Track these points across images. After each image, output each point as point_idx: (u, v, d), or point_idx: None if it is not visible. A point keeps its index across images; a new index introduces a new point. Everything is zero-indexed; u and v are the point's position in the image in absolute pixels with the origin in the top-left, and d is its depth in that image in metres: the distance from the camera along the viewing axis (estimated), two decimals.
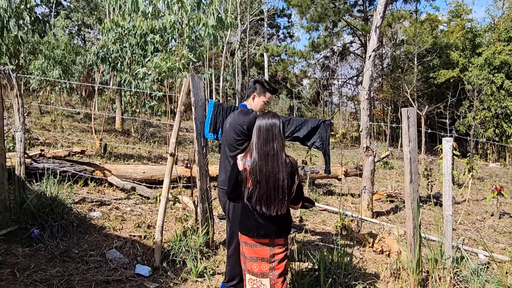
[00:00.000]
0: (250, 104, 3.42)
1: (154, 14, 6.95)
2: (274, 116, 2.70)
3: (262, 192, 2.60)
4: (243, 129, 3.19)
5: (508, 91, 19.84)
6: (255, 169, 2.60)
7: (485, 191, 9.97)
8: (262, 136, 2.63)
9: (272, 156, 2.59)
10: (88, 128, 13.32)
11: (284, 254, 2.74)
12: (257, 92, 3.37)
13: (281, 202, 2.61)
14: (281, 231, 2.72)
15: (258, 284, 2.76)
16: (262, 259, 2.72)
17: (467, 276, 3.64)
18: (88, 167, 6.11)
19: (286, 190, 2.60)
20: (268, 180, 2.58)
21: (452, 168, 9.76)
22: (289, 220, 2.81)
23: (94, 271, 3.61)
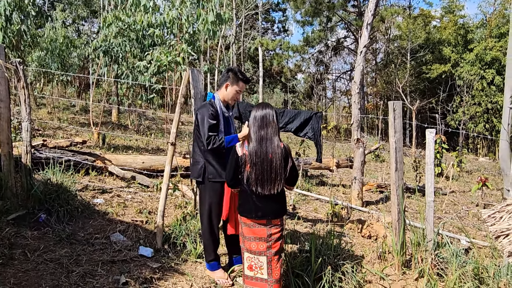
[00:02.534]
0: (222, 93, 3.54)
1: (154, 9, 7.14)
2: (267, 106, 3.04)
3: (258, 173, 2.90)
4: (197, 120, 3.46)
5: (499, 87, 20.20)
6: (252, 152, 2.92)
7: (472, 183, 10.30)
8: (257, 123, 2.96)
9: (267, 140, 2.91)
10: (84, 120, 13.48)
11: (280, 234, 3.03)
12: (230, 81, 3.48)
13: (275, 182, 2.90)
14: (277, 212, 3.02)
15: (255, 261, 3.05)
16: (260, 239, 3.01)
17: (447, 258, 3.94)
18: (90, 157, 6.33)
19: (279, 170, 2.90)
20: (263, 162, 2.89)
21: (440, 161, 10.06)
22: (284, 201, 3.09)
23: (100, 252, 3.85)
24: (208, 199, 3.51)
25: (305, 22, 24.29)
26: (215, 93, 3.61)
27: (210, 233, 3.57)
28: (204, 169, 3.47)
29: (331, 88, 32.92)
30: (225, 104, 3.60)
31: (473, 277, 3.63)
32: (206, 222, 3.56)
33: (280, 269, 3.04)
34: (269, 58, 31.07)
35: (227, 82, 3.49)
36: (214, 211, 3.53)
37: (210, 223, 3.55)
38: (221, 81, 3.55)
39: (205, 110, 3.41)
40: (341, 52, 30.08)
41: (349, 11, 25.17)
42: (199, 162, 3.51)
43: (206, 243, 3.61)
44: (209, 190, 3.51)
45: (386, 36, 26.18)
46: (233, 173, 3.06)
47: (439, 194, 7.98)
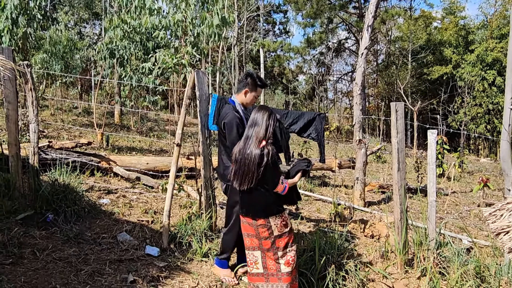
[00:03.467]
0: (241, 98, 3.60)
1: (159, 12, 7.22)
2: (262, 109, 3.16)
3: (237, 168, 3.07)
4: (223, 126, 3.49)
5: (500, 88, 20.25)
6: (237, 150, 3.10)
7: (474, 184, 10.35)
8: (249, 123, 3.13)
9: (250, 139, 3.06)
10: (87, 121, 13.57)
11: (268, 234, 3.08)
12: (249, 88, 3.56)
13: (249, 179, 3.00)
14: (259, 211, 3.09)
15: (251, 257, 3.20)
16: (251, 235, 3.16)
17: (449, 257, 4.00)
18: (95, 158, 6.40)
19: (252, 168, 2.98)
20: (242, 158, 3.03)
21: (442, 162, 10.11)
22: (270, 203, 3.11)
23: (107, 251, 3.92)
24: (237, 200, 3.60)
25: (306, 23, 24.38)
26: (233, 97, 3.66)
27: (237, 233, 3.61)
28: None
29: (333, 89, 32.98)
30: (243, 107, 3.67)
31: (474, 275, 3.69)
32: (233, 222, 3.61)
33: (275, 263, 3.11)
34: (270, 60, 31.14)
35: (246, 88, 3.55)
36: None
37: (238, 224, 3.62)
38: (240, 86, 3.61)
39: (233, 117, 3.44)
40: (342, 53, 30.16)
41: (350, 13, 25.26)
42: (229, 166, 3.49)
43: (227, 240, 3.66)
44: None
45: (387, 38, 26.26)
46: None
47: (441, 195, 8.03)
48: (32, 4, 7.40)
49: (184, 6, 6.75)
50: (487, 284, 3.62)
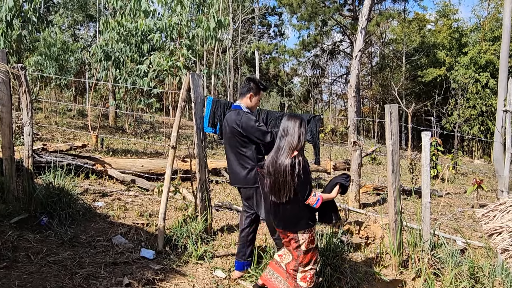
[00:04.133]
0: (246, 103, 3.64)
1: (154, 14, 7.22)
2: (294, 117, 3.07)
3: (272, 181, 2.98)
4: (239, 130, 3.46)
5: (493, 90, 20.41)
6: (269, 162, 3.02)
7: (468, 185, 10.41)
8: (279, 133, 3.04)
9: (282, 150, 2.97)
10: (82, 124, 13.52)
11: (295, 245, 3.08)
12: (253, 92, 3.62)
13: (287, 191, 2.92)
14: (288, 224, 3.06)
15: (286, 253, 3.27)
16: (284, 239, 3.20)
17: (443, 258, 4.02)
18: (89, 161, 6.38)
19: (289, 179, 2.89)
20: (275, 170, 2.94)
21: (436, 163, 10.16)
22: (299, 217, 3.04)
23: (102, 254, 3.91)
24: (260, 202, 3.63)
25: (301, 26, 24.46)
26: (237, 102, 3.67)
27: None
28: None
29: (327, 91, 33.09)
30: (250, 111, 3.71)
31: (468, 276, 3.72)
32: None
33: (293, 269, 3.15)
34: (265, 62, 31.21)
35: (250, 93, 3.60)
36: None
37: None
38: (244, 91, 3.64)
39: (247, 116, 3.49)
40: (337, 55, 30.27)
41: (345, 15, 25.37)
42: (253, 168, 3.51)
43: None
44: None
45: (382, 40, 26.41)
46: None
47: (435, 196, 8.08)
48: (26, 7, 7.38)
49: (179, 9, 6.76)
50: (481, 285, 3.65)
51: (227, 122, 3.60)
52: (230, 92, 22.45)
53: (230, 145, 3.61)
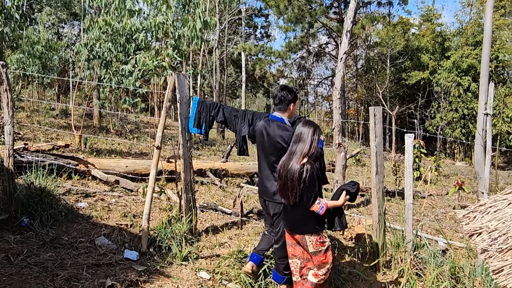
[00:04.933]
0: (289, 115, 3.50)
1: (139, 13, 7.15)
2: (309, 124, 3.11)
3: (281, 183, 3.05)
4: (285, 145, 3.28)
5: (474, 94, 20.81)
6: (281, 165, 3.07)
7: (450, 187, 10.58)
8: (293, 138, 3.09)
9: (293, 154, 3.02)
10: (65, 123, 13.31)
11: (305, 247, 3.11)
12: (293, 101, 3.50)
13: (294, 194, 2.98)
14: (295, 227, 3.11)
15: (294, 265, 3.25)
16: (293, 244, 3.21)
17: (426, 258, 4.09)
18: (72, 161, 6.28)
19: (296, 184, 2.95)
20: (286, 174, 3.00)
21: (419, 165, 10.31)
22: (305, 221, 3.07)
23: (84, 256, 3.85)
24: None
25: (287, 28, 24.52)
26: (279, 115, 3.48)
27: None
28: None
29: (313, 93, 33.29)
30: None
31: (450, 276, 3.78)
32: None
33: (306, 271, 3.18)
34: (251, 63, 31.20)
35: (292, 103, 3.49)
36: None
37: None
38: (285, 104, 3.46)
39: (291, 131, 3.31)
40: (323, 58, 30.47)
41: (331, 18, 25.55)
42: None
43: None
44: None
45: (367, 43, 26.69)
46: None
47: (418, 197, 8.19)
48: (9, 4, 7.23)
49: (165, 8, 6.71)
50: (461, 285, 3.71)
51: (268, 132, 3.42)
52: (216, 93, 22.39)
53: (266, 156, 3.47)
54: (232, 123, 4.34)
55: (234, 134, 4.47)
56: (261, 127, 3.51)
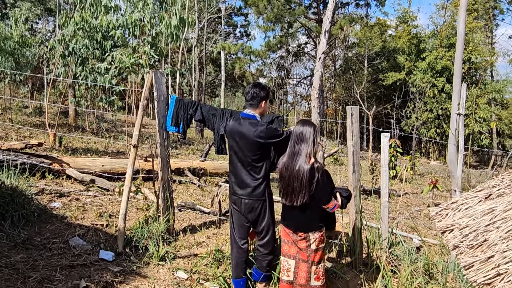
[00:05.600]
0: (260, 112, 3.46)
1: (116, 10, 7.02)
2: (308, 123, 3.09)
3: (285, 185, 3.04)
4: (261, 141, 3.26)
5: (448, 94, 21.35)
6: (283, 167, 3.05)
7: (424, 185, 10.84)
8: (293, 138, 3.06)
9: (298, 155, 3.00)
10: (39, 121, 12.96)
11: (305, 246, 3.11)
12: (265, 99, 3.45)
13: (302, 196, 2.98)
14: (301, 225, 3.12)
15: (285, 263, 3.23)
16: (291, 242, 3.20)
17: (401, 255, 4.17)
18: (46, 160, 6.13)
19: (304, 184, 2.95)
20: (290, 176, 2.99)
21: (395, 164, 10.49)
22: (311, 220, 3.11)
23: (58, 257, 3.76)
24: (272, 214, 3.52)
25: (267, 27, 24.59)
26: (251, 112, 3.42)
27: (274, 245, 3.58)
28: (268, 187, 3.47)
29: (292, 93, 33.47)
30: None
31: (423, 272, 3.87)
32: (272, 236, 3.52)
33: (306, 275, 3.13)
34: (231, 62, 31.13)
35: (263, 101, 3.45)
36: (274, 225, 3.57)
37: (275, 235, 3.58)
38: (256, 101, 3.41)
39: (270, 128, 3.33)
40: (302, 57, 30.68)
41: (310, 18, 25.76)
42: (263, 180, 3.40)
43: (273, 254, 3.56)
44: (271, 205, 3.52)
45: (345, 43, 27.02)
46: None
47: (394, 196, 8.35)
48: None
49: (141, 5, 6.61)
50: (435, 281, 3.80)
51: (240, 130, 3.35)
52: (195, 91, 22.24)
53: (242, 155, 3.38)
54: (210, 121, 4.32)
55: (213, 133, 4.45)
56: (232, 127, 3.45)
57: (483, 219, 2.09)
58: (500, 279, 1.69)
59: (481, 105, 21.11)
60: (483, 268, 1.80)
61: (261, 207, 3.40)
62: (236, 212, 3.50)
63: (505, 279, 1.67)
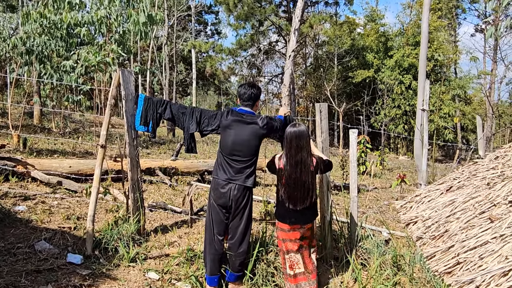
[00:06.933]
0: (255, 109, 3.76)
1: (81, 7, 6.82)
2: (299, 131, 3.22)
3: (290, 193, 3.18)
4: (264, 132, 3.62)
5: (415, 91, 21.92)
6: (286, 175, 3.18)
7: (393, 180, 11.12)
8: (293, 147, 3.17)
9: (301, 163, 3.14)
10: (1, 123, 12.47)
11: (309, 233, 3.39)
12: (259, 98, 3.78)
13: (306, 200, 3.19)
14: (308, 219, 3.33)
15: (293, 258, 3.37)
16: (295, 240, 3.34)
17: (370, 249, 4.27)
18: (9, 162, 5.91)
19: (310, 186, 3.18)
20: (296, 184, 3.15)
21: (365, 160, 10.70)
22: (315, 207, 3.38)
23: (23, 262, 3.64)
24: (252, 207, 3.64)
25: (237, 25, 24.54)
26: (247, 109, 3.70)
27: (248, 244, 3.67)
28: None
29: (264, 90, 33.55)
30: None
31: (392, 264, 3.98)
32: (248, 235, 3.60)
33: (312, 261, 3.40)
34: (202, 60, 30.92)
35: (258, 100, 3.77)
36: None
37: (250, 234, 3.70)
38: (252, 101, 3.72)
39: (268, 118, 3.69)
40: (273, 55, 30.80)
41: (280, 16, 25.88)
42: (254, 170, 3.61)
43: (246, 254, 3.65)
44: (251, 202, 3.63)
45: (315, 42, 27.30)
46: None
47: (364, 191, 8.52)
48: None
49: (107, 2, 6.45)
50: (402, 272, 3.92)
51: (245, 121, 3.59)
52: (166, 90, 21.96)
53: (241, 144, 3.55)
54: (180, 120, 4.27)
55: (182, 131, 4.41)
56: (233, 121, 3.62)
57: (445, 211, 2.17)
58: (459, 268, 1.77)
59: (446, 101, 21.83)
60: (444, 258, 1.88)
61: (248, 197, 3.53)
62: (215, 208, 3.54)
63: (463, 267, 1.75)
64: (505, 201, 2.05)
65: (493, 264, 1.66)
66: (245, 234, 3.54)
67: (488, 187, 2.22)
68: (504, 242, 1.75)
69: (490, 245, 1.78)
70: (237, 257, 3.52)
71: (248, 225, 3.57)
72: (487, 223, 1.97)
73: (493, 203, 2.05)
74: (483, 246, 1.78)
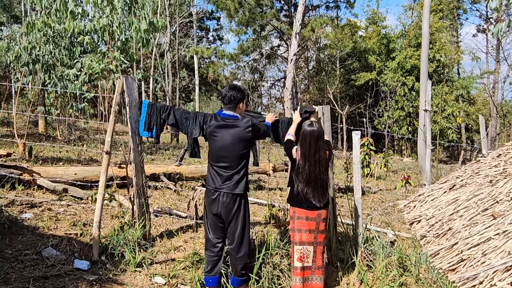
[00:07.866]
0: (239, 112, 3.61)
1: (83, 16, 6.90)
2: (317, 124, 3.35)
3: (308, 191, 3.33)
4: (251, 135, 3.49)
5: (418, 92, 21.91)
6: (309, 175, 3.30)
7: (398, 182, 11.09)
8: (312, 147, 3.28)
9: (320, 162, 3.29)
10: (7, 132, 12.59)
11: (324, 227, 3.47)
12: (243, 100, 3.62)
13: (325, 196, 3.38)
14: (321, 208, 3.43)
15: (305, 251, 3.44)
16: (308, 231, 3.42)
17: (375, 250, 4.27)
18: (15, 170, 5.96)
19: (326, 183, 3.36)
20: (316, 182, 3.30)
21: (369, 162, 10.70)
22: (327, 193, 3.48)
23: (30, 268, 3.67)
24: (248, 214, 3.60)
25: (239, 31, 24.66)
26: (231, 112, 3.54)
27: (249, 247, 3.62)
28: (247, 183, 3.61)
29: (267, 95, 33.61)
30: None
31: (397, 265, 3.98)
32: (248, 238, 3.56)
33: (322, 258, 3.47)
34: (204, 66, 31.05)
35: (242, 102, 3.62)
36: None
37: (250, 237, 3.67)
38: (234, 103, 3.55)
39: (253, 122, 3.59)
40: (275, 60, 30.87)
41: (281, 21, 25.97)
42: (245, 175, 3.55)
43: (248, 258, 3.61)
44: (248, 204, 3.60)
45: (317, 45, 27.36)
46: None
47: (369, 193, 8.51)
48: None
49: (109, 11, 6.52)
50: (408, 273, 3.91)
51: (229, 125, 3.47)
52: (169, 96, 22.06)
53: (229, 151, 3.44)
54: (184, 125, 4.30)
55: (186, 136, 4.44)
56: (216, 126, 3.51)
57: (448, 209, 2.18)
58: (463, 265, 1.78)
59: (449, 101, 21.78)
60: (448, 255, 1.89)
61: (239, 203, 3.45)
62: (209, 213, 3.53)
63: (467, 264, 1.76)
64: (508, 197, 2.06)
65: (496, 260, 1.67)
66: (242, 238, 3.49)
67: (490, 185, 2.23)
68: (507, 238, 1.76)
69: (493, 241, 1.79)
70: (238, 261, 3.51)
71: (245, 229, 3.50)
72: (490, 220, 1.98)
73: (496, 200, 2.06)
74: (486, 242, 1.79)
